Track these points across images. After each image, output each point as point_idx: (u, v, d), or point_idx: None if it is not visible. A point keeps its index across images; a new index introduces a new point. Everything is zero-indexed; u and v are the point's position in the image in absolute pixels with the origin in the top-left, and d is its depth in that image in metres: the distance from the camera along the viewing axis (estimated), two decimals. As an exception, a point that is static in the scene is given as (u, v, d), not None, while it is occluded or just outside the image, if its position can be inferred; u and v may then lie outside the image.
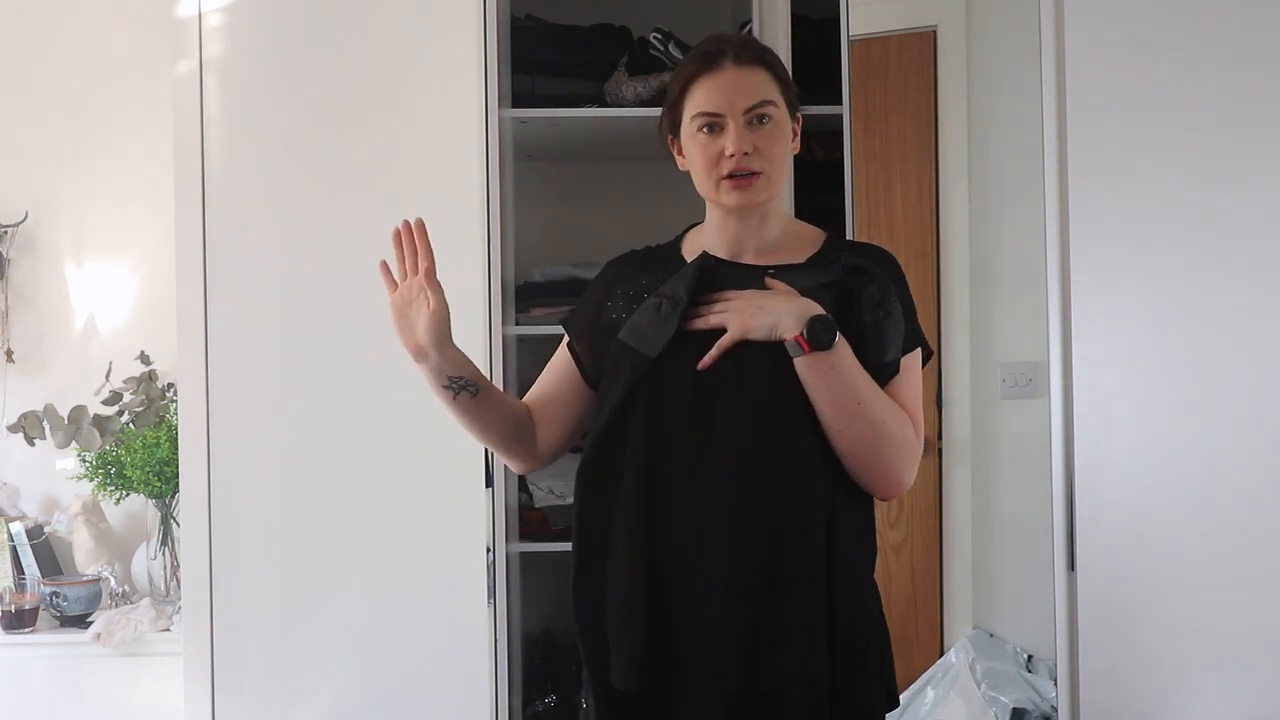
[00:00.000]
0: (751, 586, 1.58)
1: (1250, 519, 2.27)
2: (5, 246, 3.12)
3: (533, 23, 2.63)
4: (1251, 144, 2.29)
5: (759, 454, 1.59)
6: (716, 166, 1.63)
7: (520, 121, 2.52)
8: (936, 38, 2.92)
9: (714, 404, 1.60)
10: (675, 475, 1.61)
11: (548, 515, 2.59)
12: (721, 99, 1.63)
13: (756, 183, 1.63)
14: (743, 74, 1.63)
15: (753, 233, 1.70)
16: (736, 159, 1.62)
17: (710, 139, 1.64)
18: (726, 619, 1.58)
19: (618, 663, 1.62)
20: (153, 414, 2.95)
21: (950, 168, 2.91)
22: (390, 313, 1.71)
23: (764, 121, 1.63)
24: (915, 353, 1.68)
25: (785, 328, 1.58)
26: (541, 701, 2.61)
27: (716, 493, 1.59)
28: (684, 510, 1.60)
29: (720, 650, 1.57)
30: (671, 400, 1.62)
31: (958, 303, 2.89)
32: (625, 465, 1.63)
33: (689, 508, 1.60)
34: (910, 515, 2.90)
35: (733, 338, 1.60)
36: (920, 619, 2.93)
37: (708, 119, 1.63)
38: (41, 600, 2.88)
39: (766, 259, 1.69)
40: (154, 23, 2.73)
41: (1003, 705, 2.61)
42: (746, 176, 1.63)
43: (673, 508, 1.61)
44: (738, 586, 1.58)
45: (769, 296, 1.62)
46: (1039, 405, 2.38)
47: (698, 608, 1.59)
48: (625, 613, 1.61)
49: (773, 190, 1.66)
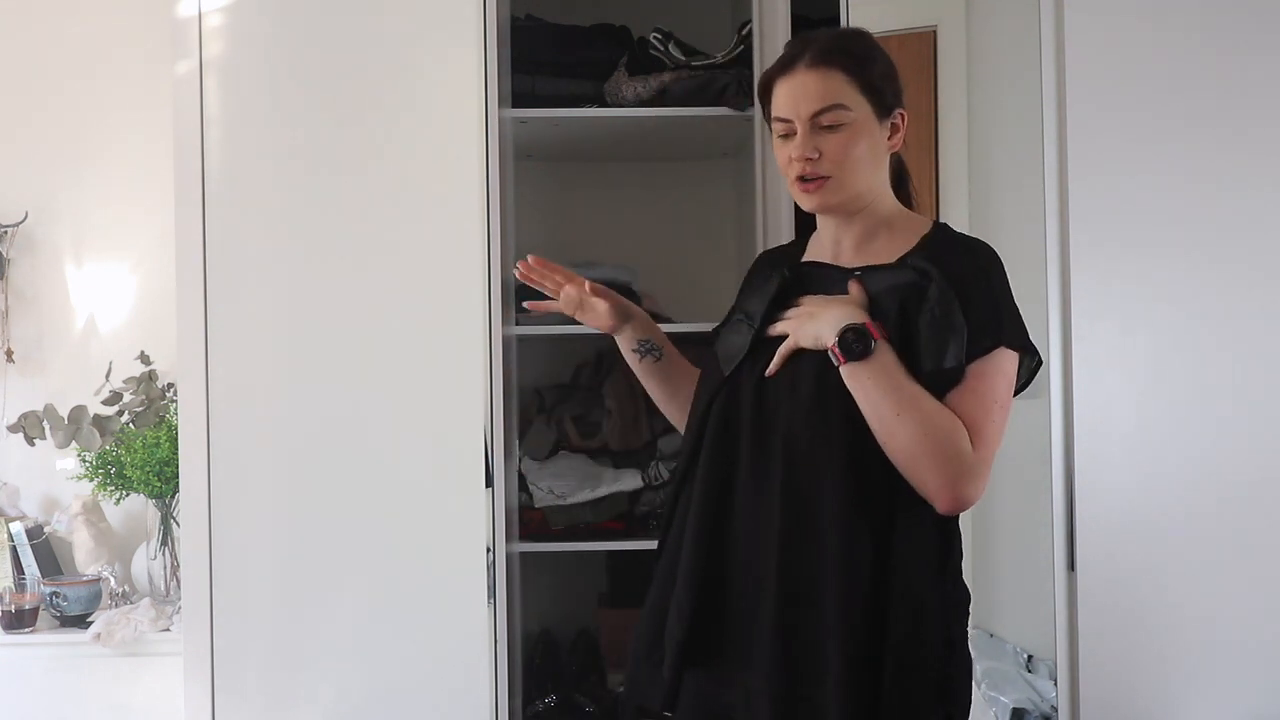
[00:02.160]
0: (791, 589, 1.58)
1: (1250, 519, 2.27)
2: (5, 246, 3.12)
3: (533, 23, 2.63)
4: (1252, 144, 2.29)
5: (807, 459, 1.59)
6: (789, 169, 1.66)
7: (520, 121, 2.51)
8: (936, 38, 2.91)
9: (773, 410, 1.63)
10: (738, 482, 1.64)
11: (548, 515, 2.59)
12: (789, 104, 1.64)
13: (825, 186, 1.63)
14: (813, 77, 1.62)
15: (847, 229, 1.71)
16: (801, 165, 1.62)
17: (783, 143, 1.66)
18: (771, 619, 1.58)
19: (672, 654, 1.64)
20: (153, 414, 2.95)
21: (950, 167, 2.90)
22: (563, 309, 1.93)
23: (834, 128, 1.62)
24: (995, 357, 1.59)
25: (825, 338, 1.59)
26: (541, 701, 2.61)
27: (771, 499, 1.60)
28: (744, 507, 1.63)
29: (763, 651, 1.58)
30: (740, 407, 1.66)
31: (958, 303, 2.88)
32: (696, 474, 1.69)
33: (748, 505, 1.62)
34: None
35: (789, 346, 1.63)
36: (920, 619, 2.92)
37: (782, 125, 1.65)
38: (41, 600, 2.88)
39: (862, 258, 1.69)
40: (154, 23, 2.73)
41: (1003, 705, 2.60)
42: (814, 180, 1.63)
43: (735, 504, 1.63)
44: (781, 587, 1.58)
45: (825, 304, 1.62)
46: (1039, 405, 2.37)
47: (748, 606, 1.61)
48: (678, 607, 1.65)
49: (845, 193, 1.65)
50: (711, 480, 1.66)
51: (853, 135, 1.63)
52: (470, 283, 2.32)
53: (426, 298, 2.32)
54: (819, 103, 1.62)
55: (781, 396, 1.63)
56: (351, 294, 2.32)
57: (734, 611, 1.63)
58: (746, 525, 1.63)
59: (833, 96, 1.62)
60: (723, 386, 1.70)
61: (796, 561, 1.58)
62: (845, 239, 1.72)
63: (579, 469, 2.66)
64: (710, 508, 1.66)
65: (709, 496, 1.66)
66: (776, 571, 1.58)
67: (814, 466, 1.59)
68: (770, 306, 1.69)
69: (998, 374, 1.59)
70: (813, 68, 1.62)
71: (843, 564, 1.56)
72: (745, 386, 1.67)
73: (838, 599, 1.56)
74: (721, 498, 1.65)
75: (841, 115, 1.62)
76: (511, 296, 2.49)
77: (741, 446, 1.65)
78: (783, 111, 1.65)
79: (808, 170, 1.63)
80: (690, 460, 1.71)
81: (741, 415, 1.66)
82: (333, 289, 2.33)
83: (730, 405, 1.68)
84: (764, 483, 1.61)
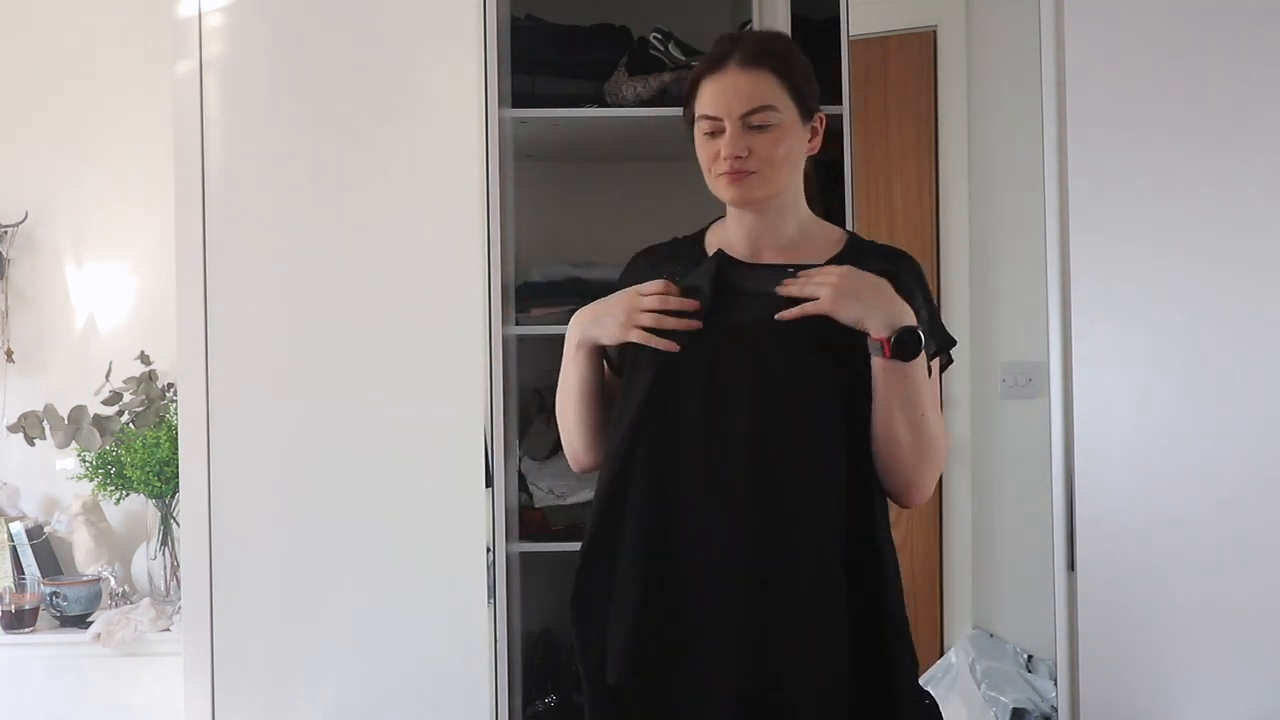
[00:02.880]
0: (760, 587, 1.57)
1: (1250, 518, 2.27)
2: (5, 246, 3.12)
3: (533, 23, 2.63)
4: (1252, 144, 2.29)
5: (774, 451, 1.59)
6: (714, 164, 1.65)
7: (520, 121, 2.51)
8: (936, 38, 2.92)
9: (728, 399, 1.60)
10: (688, 471, 1.61)
11: (548, 515, 2.59)
12: (720, 101, 1.63)
13: (750, 179, 1.64)
14: (744, 77, 1.63)
15: (768, 229, 1.70)
16: (730, 161, 1.63)
17: (710, 141, 1.66)
18: (735, 619, 1.57)
19: (615, 660, 1.62)
20: (153, 414, 2.95)
21: (950, 167, 2.91)
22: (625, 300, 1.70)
23: (763, 128, 1.63)
24: (936, 360, 1.69)
25: (873, 325, 1.58)
26: (541, 701, 2.61)
27: (730, 491, 1.58)
28: (696, 507, 1.60)
29: (728, 650, 1.57)
30: (687, 395, 1.62)
31: (958, 303, 2.89)
32: (640, 461, 1.63)
33: (701, 505, 1.60)
34: (910, 515, 2.90)
35: (819, 308, 1.59)
36: (920, 619, 2.92)
37: (709, 123, 1.65)
38: (41, 600, 2.88)
39: (786, 257, 1.69)
40: (154, 23, 2.72)
41: (1003, 705, 2.61)
42: (740, 173, 1.63)
43: (685, 505, 1.60)
44: (748, 586, 1.57)
45: (866, 284, 1.60)
46: (1039, 405, 2.37)
47: (706, 606, 1.59)
48: (624, 607, 1.62)
49: (770, 189, 1.66)
50: (655, 476, 1.62)
51: (780, 136, 1.64)
52: (470, 283, 2.32)
53: (426, 297, 2.32)
54: (750, 103, 1.62)
55: (741, 389, 1.60)
56: (351, 294, 2.32)
57: (686, 613, 1.60)
58: (695, 525, 1.60)
59: (763, 97, 1.63)
60: (670, 366, 1.64)
61: (761, 561, 1.57)
62: (765, 239, 1.71)
63: (579, 469, 2.65)
64: (655, 511, 1.62)
65: (652, 496, 1.62)
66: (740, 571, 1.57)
67: (780, 464, 1.58)
68: (714, 289, 1.66)
69: (938, 373, 1.71)
70: (743, 68, 1.63)
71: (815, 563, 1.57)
72: (691, 373, 1.63)
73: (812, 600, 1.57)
74: (666, 497, 1.61)
75: (771, 116, 1.63)
76: (511, 296, 2.50)
77: (688, 439, 1.61)
78: (712, 110, 1.64)
79: (734, 168, 1.63)
80: (630, 449, 1.65)
81: (688, 407, 1.62)
82: (332, 289, 2.33)
83: (675, 392, 1.63)
84: (720, 479, 1.59)
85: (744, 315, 1.65)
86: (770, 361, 1.61)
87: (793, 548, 1.58)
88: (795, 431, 1.60)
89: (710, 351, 1.62)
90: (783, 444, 1.59)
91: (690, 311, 1.64)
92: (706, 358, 1.62)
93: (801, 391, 1.60)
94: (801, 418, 1.60)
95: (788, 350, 1.61)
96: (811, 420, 1.60)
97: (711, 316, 1.64)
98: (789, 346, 1.61)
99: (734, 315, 1.64)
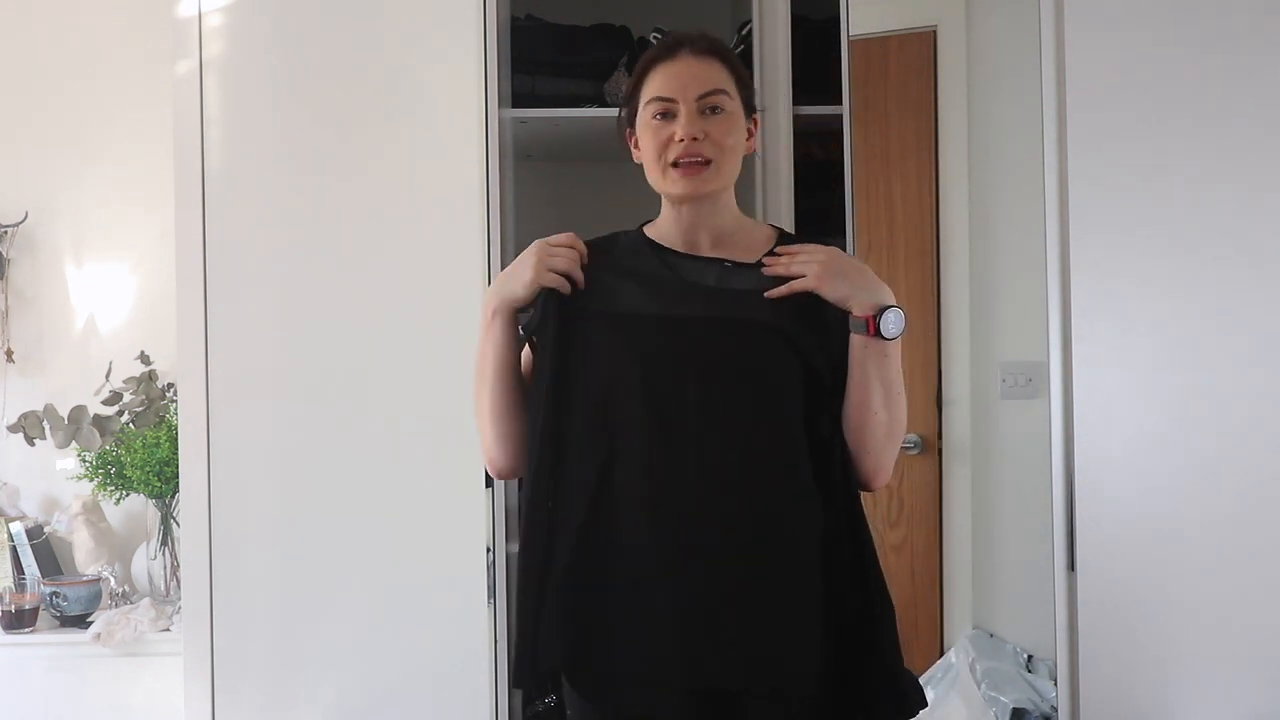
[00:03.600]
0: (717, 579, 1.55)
1: (1250, 518, 2.27)
2: (5, 246, 3.12)
3: (533, 23, 2.63)
4: (1252, 143, 2.29)
5: (724, 446, 1.58)
6: (666, 151, 1.65)
7: (520, 121, 2.51)
8: (936, 38, 2.92)
9: (674, 393, 1.58)
10: (632, 465, 1.58)
11: (548, 515, 2.58)
12: (675, 84, 1.65)
13: (705, 171, 1.64)
14: (698, 63, 1.65)
15: (705, 222, 1.70)
16: (686, 144, 1.63)
17: (662, 124, 1.65)
18: (692, 614, 1.55)
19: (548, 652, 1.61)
20: (153, 414, 2.96)
21: (950, 167, 2.91)
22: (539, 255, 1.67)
23: (716, 111, 1.64)
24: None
25: (858, 304, 1.60)
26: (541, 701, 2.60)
27: (682, 483, 1.56)
28: (639, 499, 1.58)
29: (686, 650, 1.54)
30: (630, 392, 1.60)
31: (958, 302, 2.89)
32: (574, 454, 1.61)
33: (645, 497, 1.57)
34: (910, 515, 2.90)
35: (806, 285, 1.61)
36: (920, 619, 2.92)
37: (662, 105, 1.65)
38: (41, 600, 2.88)
39: (721, 252, 1.70)
40: (154, 23, 2.73)
41: (1003, 705, 2.60)
42: (694, 165, 1.64)
43: (626, 496, 1.58)
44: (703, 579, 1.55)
45: (852, 265, 1.64)
46: (1039, 405, 2.37)
47: (653, 601, 1.56)
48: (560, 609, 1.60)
49: (721, 181, 1.67)
50: (596, 470, 1.59)
51: (732, 123, 1.66)
52: (470, 283, 2.31)
53: (426, 297, 2.32)
54: (706, 85, 1.64)
55: (689, 388, 1.58)
56: (351, 294, 2.32)
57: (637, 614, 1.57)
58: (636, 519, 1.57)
59: (716, 81, 1.65)
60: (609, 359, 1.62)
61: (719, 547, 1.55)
62: (703, 229, 1.70)
63: (579, 469, 2.65)
64: (594, 505, 1.59)
65: (591, 492, 1.59)
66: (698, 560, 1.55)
67: (745, 444, 1.57)
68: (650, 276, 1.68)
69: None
70: (697, 55, 1.66)
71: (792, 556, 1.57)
72: (630, 363, 1.61)
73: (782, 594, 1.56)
74: (608, 490, 1.58)
75: (724, 100, 1.65)
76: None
77: (634, 425, 1.58)
78: (666, 91, 1.65)
79: (690, 151, 1.63)
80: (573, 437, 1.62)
81: (633, 394, 1.59)
82: (333, 289, 2.33)
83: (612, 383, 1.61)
84: (665, 475, 1.56)
85: (685, 309, 1.64)
86: (715, 353, 1.60)
87: (758, 543, 1.56)
88: (746, 424, 1.58)
89: (654, 345, 1.61)
90: (734, 438, 1.57)
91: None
92: (650, 351, 1.61)
93: (753, 383, 1.59)
94: (752, 410, 1.59)
95: (733, 341, 1.61)
96: (764, 411, 1.59)
97: (649, 308, 1.64)
98: (734, 338, 1.61)
99: (675, 309, 1.64)
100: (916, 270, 2.92)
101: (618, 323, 1.64)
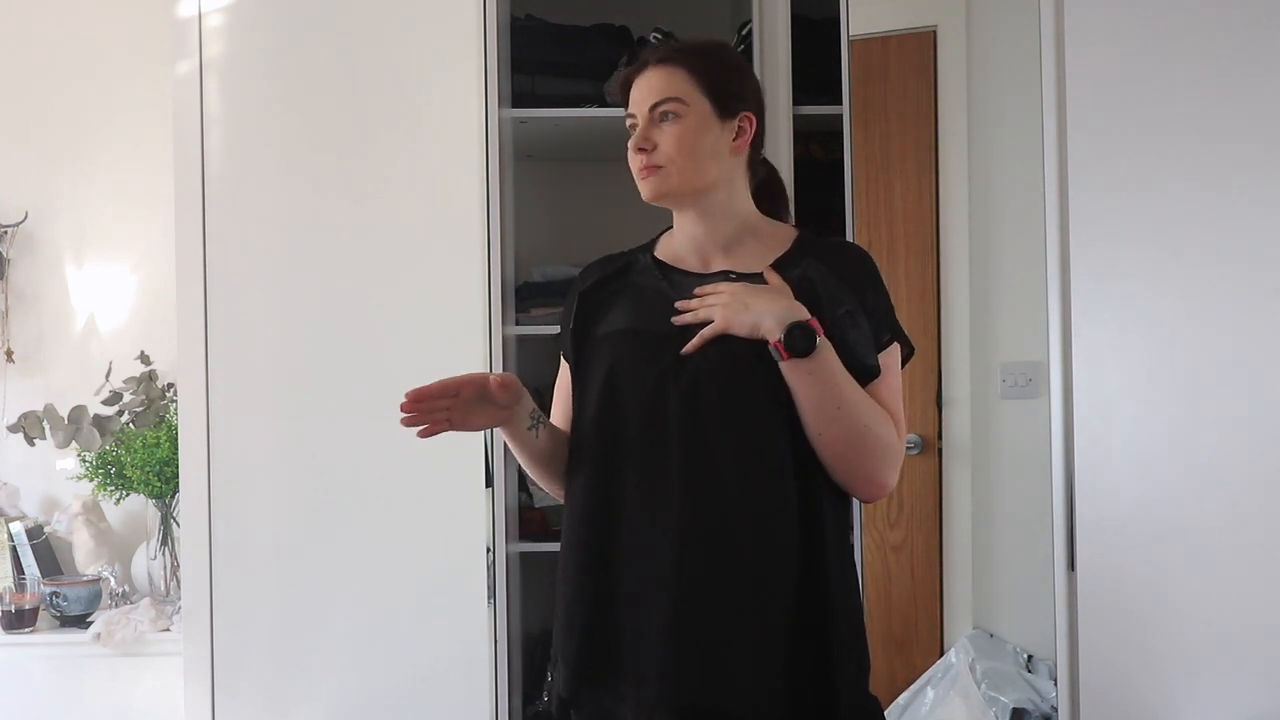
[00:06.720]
0: (699, 598, 1.55)
1: (1250, 518, 2.27)
2: (5, 246, 3.12)
3: (533, 23, 2.63)
4: (1252, 143, 2.29)
5: (712, 459, 1.57)
6: (633, 163, 1.68)
7: (520, 121, 2.52)
8: (936, 38, 2.92)
9: (666, 414, 1.59)
10: (629, 481, 1.60)
11: (548, 515, 2.59)
12: (637, 96, 1.68)
13: (655, 176, 1.65)
14: (657, 74, 1.67)
15: (704, 230, 1.70)
16: (634, 154, 1.66)
17: (632, 138, 1.68)
18: (674, 631, 1.55)
19: (561, 670, 1.63)
20: (153, 414, 2.96)
21: (950, 167, 2.91)
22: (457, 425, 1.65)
23: (667, 118, 1.65)
24: (893, 350, 1.66)
25: (767, 329, 1.57)
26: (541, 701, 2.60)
27: (669, 499, 1.57)
28: (636, 516, 1.59)
29: (668, 663, 1.54)
30: (629, 402, 1.62)
31: (958, 303, 2.89)
32: (581, 472, 1.65)
33: (641, 514, 1.58)
34: (910, 515, 2.90)
35: (715, 330, 1.59)
36: (920, 619, 2.93)
37: (630, 119, 1.69)
38: (41, 600, 2.88)
39: (732, 260, 1.69)
40: (154, 23, 2.73)
41: (1003, 705, 2.61)
42: (645, 170, 1.66)
43: (626, 514, 1.59)
44: (686, 598, 1.55)
45: (756, 293, 1.60)
46: (1039, 405, 2.38)
47: (647, 618, 1.56)
48: (567, 622, 1.62)
49: (672, 185, 1.65)
50: (597, 486, 1.62)
51: (685, 128, 1.65)
52: (470, 283, 2.32)
53: (426, 297, 2.32)
54: (659, 94, 1.65)
55: (681, 394, 1.59)
56: (351, 294, 2.32)
57: (631, 632, 1.58)
58: (635, 534, 1.59)
59: (670, 90, 1.65)
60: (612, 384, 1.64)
61: (700, 572, 1.55)
62: (710, 243, 1.71)
63: (579, 469, 2.65)
64: (595, 520, 1.62)
65: (593, 505, 1.62)
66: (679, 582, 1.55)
67: (718, 473, 1.57)
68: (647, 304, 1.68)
69: (897, 365, 1.68)
70: (658, 65, 1.67)
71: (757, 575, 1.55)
72: (634, 381, 1.63)
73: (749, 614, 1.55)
74: (608, 506, 1.61)
75: (676, 107, 1.65)
76: (511, 296, 2.50)
77: (629, 447, 1.61)
78: (630, 106, 1.69)
79: (644, 160, 1.65)
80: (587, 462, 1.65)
81: (629, 414, 1.62)
82: (332, 288, 2.33)
83: (617, 400, 1.63)
84: (660, 489, 1.58)
85: (669, 326, 1.64)
86: (703, 374, 1.60)
87: (737, 561, 1.56)
88: (732, 446, 1.58)
89: (658, 367, 1.62)
90: (721, 459, 1.57)
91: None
92: (638, 370, 1.63)
93: (738, 402, 1.59)
94: (737, 430, 1.58)
95: (722, 362, 1.60)
96: (750, 432, 1.58)
97: (651, 330, 1.65)
98: (724, 358, 1.60)
99: (668, 328, 1.64)
100: (916, 270, 2.92)
101: (613, 343, 1.67)
